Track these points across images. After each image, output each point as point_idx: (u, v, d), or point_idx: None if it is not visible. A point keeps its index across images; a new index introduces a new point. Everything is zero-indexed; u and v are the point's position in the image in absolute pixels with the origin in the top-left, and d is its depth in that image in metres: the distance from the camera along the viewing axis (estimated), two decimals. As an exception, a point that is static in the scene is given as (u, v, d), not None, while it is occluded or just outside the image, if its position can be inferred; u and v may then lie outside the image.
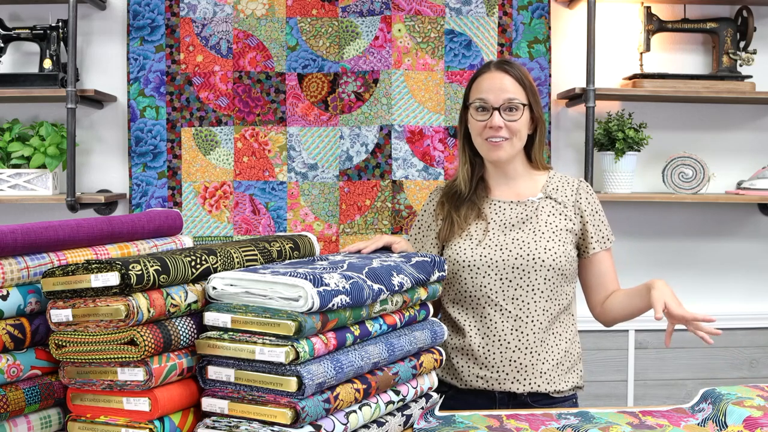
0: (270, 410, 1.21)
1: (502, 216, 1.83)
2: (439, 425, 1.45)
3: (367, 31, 2.69)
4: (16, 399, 1.23)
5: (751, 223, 2.96)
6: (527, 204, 1.83)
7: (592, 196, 1.88)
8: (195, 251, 1.33)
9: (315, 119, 2.70)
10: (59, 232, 1.31)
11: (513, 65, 1.81)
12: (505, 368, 1.76)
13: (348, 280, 1.30)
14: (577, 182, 1.88)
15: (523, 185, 1.87)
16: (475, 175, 1.88)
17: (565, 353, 1.80)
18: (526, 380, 1.76)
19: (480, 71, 1.84)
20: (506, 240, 1.79)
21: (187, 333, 1.27)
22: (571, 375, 1.81)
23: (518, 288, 1.76)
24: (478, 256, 1.78)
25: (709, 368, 2.93)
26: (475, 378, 1.77)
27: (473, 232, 1.82)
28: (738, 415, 1.41)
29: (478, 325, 1.78)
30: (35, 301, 1.26)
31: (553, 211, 1.83)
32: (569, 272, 1.80)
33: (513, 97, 1.77)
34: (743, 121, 2.92)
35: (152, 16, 2.67)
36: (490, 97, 1.77)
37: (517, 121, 1.77)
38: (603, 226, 1.87)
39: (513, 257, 1.76)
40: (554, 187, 1.86)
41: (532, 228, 1.80)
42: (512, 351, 1.76)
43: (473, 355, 1.77)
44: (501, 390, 1.76)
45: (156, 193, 2.70)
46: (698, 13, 2.83)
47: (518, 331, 1.76)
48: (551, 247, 1.77)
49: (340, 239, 2.71)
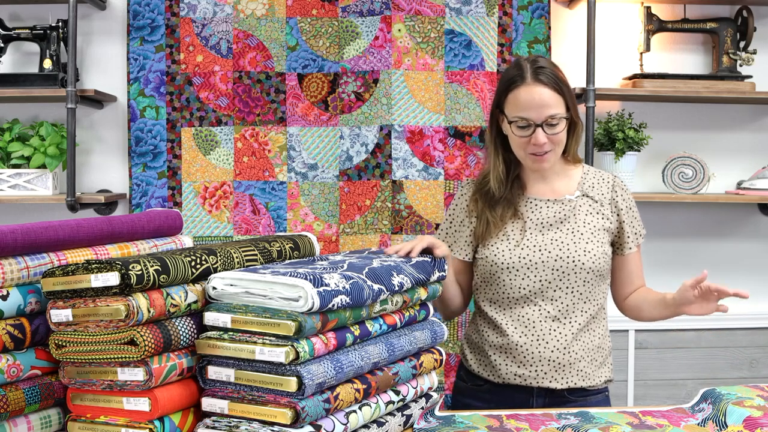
0: (270, 410, 1.21)
1: (538, 215, 1.82)
2: (439, 425, 1.45)
3: (367, 31, 2.69)
4: (16, 399, 1.23)
5: (751, 223, 2.96)
6: (564, 202, 1.82)
7: (627, 193, 1.88)
8: (195, 251, 1.33)
9: (315, 119, 2.70)
10: (59, 232, 1.31)
11: (547, 72, 1.75)
12: (543, 367, 1.76)
13: (348, 280, 1.30)
14: (611, 178, 1.88)
15: (559, 182, 1.86)
16: (510, 175, 1.85)
17: (598, 349, 1.82)
18: (564, 378, 1.77)
19: (515, 81, 1.76)
20: (544, 240, 1.78)
21: (187, 333, 1.26)
22: (604, 369, 1.83)
23: (557, 289, 1.77)
24: (517, 258, 1.77)
25: (709, 368, 2.93)
26: (513, 375, 1.78)
27: (510, 232, 1.81)
28: (738, 415, 1.41)
29: (516, 324, 1.78)
30: (35, 301, 1.26)
31: (591, 210, 1.83)
32: (606, 271, 1.82)
33: (554, 113, 1.73)
34: (743, 121, 2.92)
35: (152, 16, 2.67)
36: (532, 115, 1.73)
37: (559, 133, 1.75)
38: (636, 222, 1.88)
39: (552, 259, 1.76)
40: (590, 185, 1.86)
41: (570, 228, 1.79)
42: (551, 351, 1.76)
43: (512, 353, 1.78)
44: (539, 386, 1.77)
45: (156, 193, 2.69)
46: (698, 13, 2.83)
47: (557, 331, 1.77)
48: (590, 249, 1.77)
49: (340, 239, 2.70)
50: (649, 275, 2.48)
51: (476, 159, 2.69)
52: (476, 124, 2.70)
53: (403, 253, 1.62)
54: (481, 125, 2.69)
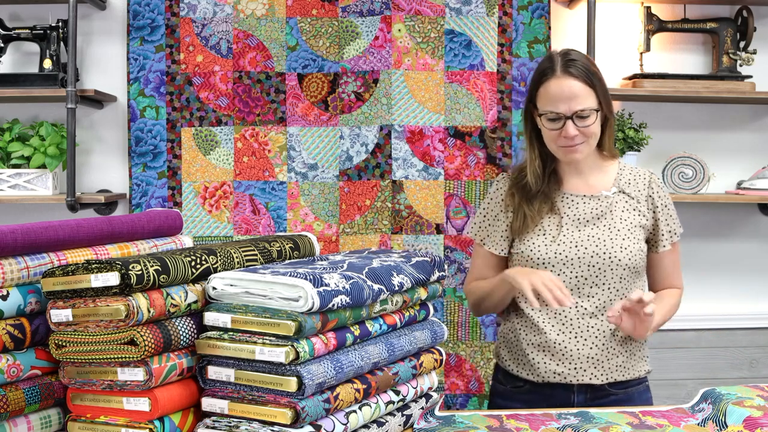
0: (270, 410, 1.21)
1: (575, 210, 1.82)
2: (439, 425, 1.45)
3: (367, 31, 2.69)
4: (16, 399, 1.23)
5: (751, 223, 2.96)
6: (601, 198, 1.82)
7: (663, 190, 1.87)
8: (195, 251, 1.33)
9: (315, 119, 2.70)
10: (59, 232, 1.31)
11: (578, 65, 1.75)
12: (582, 364, 1.77)
13: (348, 280, 1.30)
14: (648, 175, 1.87)
15: (595, 178, 1.85)
16: (547, 169, 1.85)
17: (637, 344, 1.83)
18: (603, 374, 1.77)
19: (545, 73, 1.77)
20: (581, 236, 1.78)
21: (187, 333, 1.26)
22: (642, 363, 1.84)
23: (593, 286, 1.77)
24: (553, 254, 1.77)
25: (709, 368, 2.93)
26: (552, 374, 1.78)
27: (546, 228, 1.81)
28: (738, 415, 1.41)
29: (553, 322, 1.78)
30: (35, 301, 1.26)
31: (627, 207, 1.82)
32: (642, 268, 1.82)
33: (584, 107, 1.73)
34: (743, 121, 2.92)
35: (152, 16, 2.67)
36: (561, 108, 1.73)
37: (590, 126, 1.75)
38: (672, 219, 1.87)
39: (588, 255, 1.76)
40: (627, 181, 1.85)
41: (607, 225, 1.79)
42: (589, 348, 1.77)
43: (550, 351, 1.78)
44: (580, 383, 1.78)
45: (156, 193, 2.70)
46: (698, 13, 2.83)
47: (594, 328, 1.77)
48: (627, 245, 1.77)
49: (340, 239, 2.70)
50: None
51: (476, 159, 2.69)
52: (476, 124, 2.70)
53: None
54: (481, 125, 2.69)
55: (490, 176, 2.69)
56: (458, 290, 2.69)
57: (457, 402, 2.69)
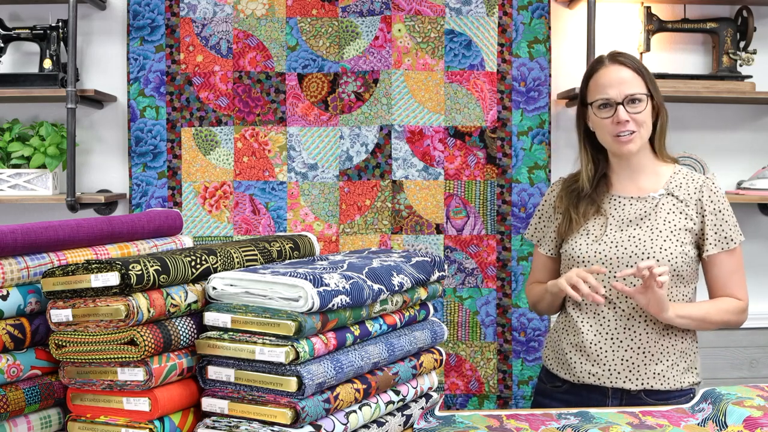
0: (270, 410, 1.21)
1: (621, 212, 1.81)
2: (439, 425, 1.45)
3: (367, 31, 2.69)
4: (16, 399, 1.23)
5: (751, 223, 2.95)
6: (647, 200, 1.81)
7: (716, 195, 1.82)
8: (195, 251, 1.33)
9: (315, 119, 2.70)
10: (59, 232, 1.31)
11: (626, 55, 1.80)
12: (617, 366, 1.76)
13: (348, 280, 1.30)
14: (702, 179, 1.84)
15: (646, 179, 1.85)
16: (598, 173, 1.86)
17: (682, 354, 1.79)
18: (639, 380, 1.75)
19: (594, 67, 1.82)
20: (622, 237, 1.77)
21: (187, 333, 1.26)
22: (688, 375, 1.80)
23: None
24: (593, 253, 1.78)
25: (709, 368, 2.93)
26: (587, 374, 1.78)
27: (591, 229, 1.81)
28: (738, 415, 1.41)
29: (591, 322, 1.78)
30: (35, 301, 1.26)
31: (674, 209, 1.80)
32: (686, 273, 1.77)
33: (635, 90, 1.75)
34: (743, 121, 2.92)
35: (152, 16, 2.67)
36: (612, 93, 1.75)
37: (641, 112, 1.75)
38: (726, 225, 1.80)
39: (628, 255, 1.75)
40: (677, 184, 1.83)
41: (649, 225, 1.78)
42: (624, 350, 1.75)
43: (586, 351, 1.78)
44: (613, 387, 1.76)
45: (156, 193, 2.70)
46: (698, 13, 2.83)
47: (631, 330, 1.76)
48: (668, 246, 1.75)
49: (340, 239, 2.70)
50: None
51: (476, 159, 2.69)
52: (476, 124, 2.70)
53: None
54: (481, 125, 2.69)
55: (490, 176, 2.69)
56: (458, 290, 2.69)
57: (457, 402, 2.69)
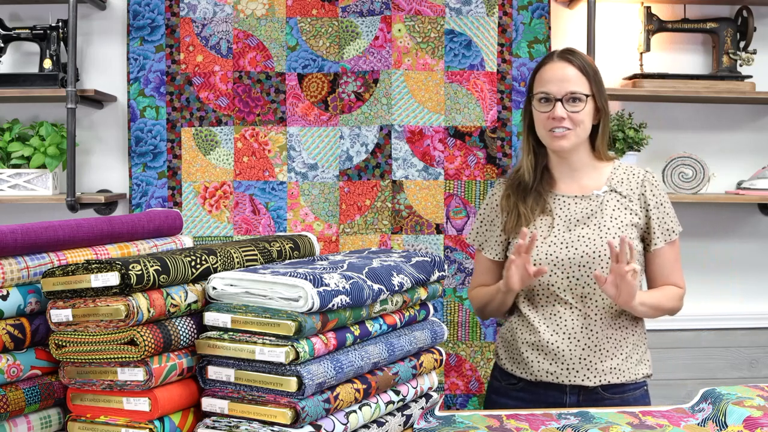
0: (270, 410, 1.21)
1: (566, 211, 1.82)
2: (439, 425, 1.45)
3: (367, 31, 2.69)
4: (16, 399, 1.23)
5: (751, 223, 2.96)
6: (592, 198, 1.82)
7: (657, 188, 1.84)
8: (195, 251, 1.33)
9: (315, 119, 2.70)
10: (59, 232, 1.31)
11: (576, 54, 1.80)
12: (575, 365, 1.77)
13: (348, 280, 1.30)
14: (642, 173, 1.85)
15: (588, 178, 1.85)
16: (539, 165, 1.87)
17: (634, 346, 1.81)
18: (596, 376, 1.76)
19: (543, 61, 1.83)
20: (571, 237, 1.78)
21: (187, 333, 1.26)
22: (641, 366, 1.82)
23: (585, 286, 1.76)
24: (544, 255, 1.78)
25: (709, 368, 2.93)
26: (545, 373, 1.78)
27: (538, 228, 1.81)
28: (738, 415, 1.41)
29: (548, 322, 1.78)
30: (35, 301, 1.26)
31: (618, 205, 1.81)
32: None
33: (575, 89, 1.75)
34: (743, 121, 2.92)
35: (152, 16, 2.67)
36: (553, 88, 1.76)
37: (579, 112, 1.76)
38: (668, 218, 1.84)
39: (579, 255, 1.76)
40: (619, 180, 1.84)
41: (597, 224, 1.78)
42: (582, 348, 1.76)
43: (543, 350, 1.78)
44: (572, 384, 1.77)
45: (156, 193, 2.69)
46: (698, 13, 2.83)
47: (587, 329, 1.76)
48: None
49: (340, 239, 2.70)
50: (649, 275, 2.47)
51: (476, 159, 2.69)
52: (476, 124, 2.70)
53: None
54: (481, 125, 2.69)
55: (490, 176, 2.69)
56: (458, 290, 2.69)
57: (457, 402, 2.69)
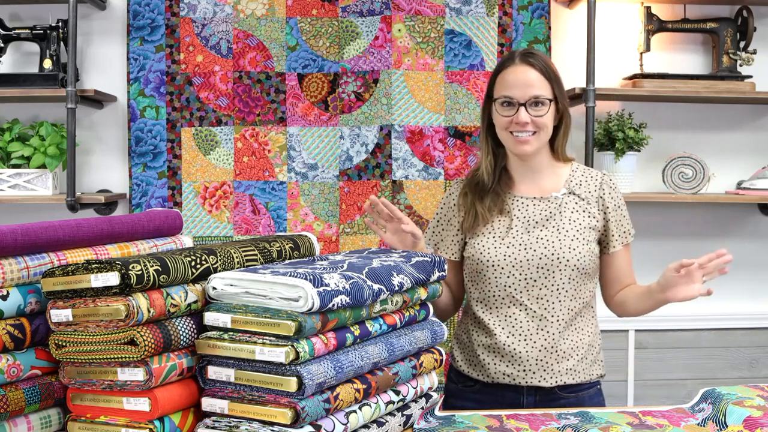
0: (270, 410, 1.21)
1: (525, 213, 1.81)
2: (439, 425, 1.45)
3: (367, 31, 2.69)
4: (16, 399, 1.23)
5: (751, 223, 2.96)
6: (551, 200, 1.81)
7: (615, 191, 1.86)
8: (195, 251, 1.33)
9: (315, 119, 2.70)
10: (59, 232, 1.31)
11: (537, 57, 1.78)
12: (531, 366, 1.76)
13: (348, 280, 1.30)
14: (600, 176, 1.86)
15: (547, 179, 1.85)
16: (498, 166, 1.86)
17: (589, 347, 1.81)
18: (553, 377, 1.76)
19: (504, 63, 1.81)
20: (530, 239, 1.78)
21: (187, 333, 1.26)
22: (595, 367, 1.83)
23: (542, 288, 1.76)
24: (502, 256, 1.77)
25: (709, 368, 2.93)
26: (501, 375, 1.78)
27: (496, 229, 1.80)
28: (738, 415, 1.41)
29: (503, 324, 1.78)
30: (35, 301, 1.26)
31: (577, 208, 1.81)
32: (592, 270, 1.80)
33: (539, 93, 1.75)
34: (743, 121, 2.92)
35: (152, 16, 2.67)
36: (516, 92, 1.75)
37: (543, 116, 1.75)
38: (624, 221, 1.86)
39: (537, 257, 1.76)
40: (578, 182, 1.84)
41: (555, 226, 1.78)
42: (538, 350, 1.76)
43: (500, 352, 1.78)
44: (528, 385, 1.77)
45: (156, 193, 2.70)
46: (698, 13, 2.83)
47: (543, 330, 1.76)
48: (575, 246, 1.76)
49: (340, 239, 2.70)
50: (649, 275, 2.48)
51: (476, 159, 2.69)
52: (476, 124, 2.69)
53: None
54: (481, 125, 2.69)
55: (490, 176, 2.69)
56: (458, 290, 2.69)
57: (457, 402, 2.69)
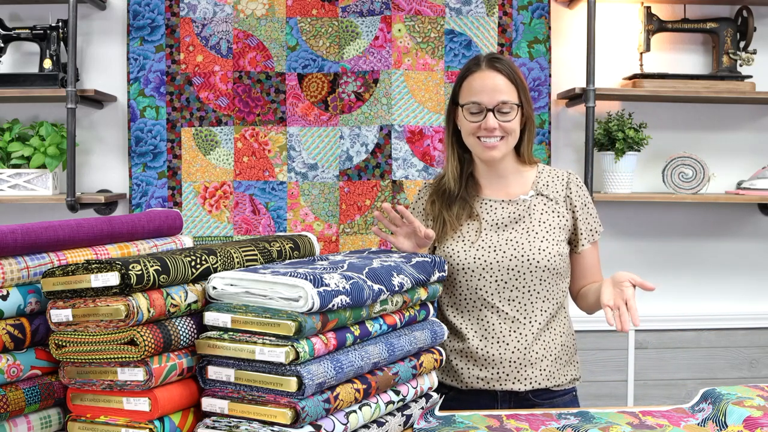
0: (270, 410, 1.21)
1: (494, 215, 1.81)
2: (439, 425, 1.45)
3: (367, 31, 2.69)
4: (16, 399, 1.23)
5: (751, 223, 2.96)
6: (519, 203, 1.81)
7: (581, 189, 1.86)
8: (195, 251, 1.33)
9: (315, 119, 2.70)
10: (59, 232, 1.31)
11: (503, 62, 1.78)
12: (505, 369, 1.75)
13: (348, 280, 1.30)
14: (566, 175, 1.87)
15: (514, 183, 1.85)
16: (464, 172, 1.86)
17: (563, 347, 1.81)
18: (527, 379, 1.76)
19: (470, 69, 1.79)
20: (500, 241, 1.77)
21: (187, 333, 1.26)
22: (570, 368, 1.82)
23: (514, 289, 1.76)
24: (472, 259, 1.77)
25: (709, 368, 2.93)
26: (475, 380, 1.77)
27: (465, 234, 1.80)
28: (738, 415, 1.41)
29: (476, 328, 1.77)
30: (35, 301, 1.26)
31: (546, 209, 1.81)
32: (563, 270, 1.80)
33: (506, 99, 1.74)
34: (743, 121, 2.92)
35: (152, 16, 2.67)
36: (484, 98, 1.74)
37: (511, 121, 1.76)
38: (592, 218, 1.86)
39: (507, 259, 1.75)
40: (545, 183, 1.85)
41: (525, 228, 1.78)
42: (511, 352, 1.75)
43: (473, 357, 1.77)
44: (503, 389, 1.76)
45: (156, 193, 2.70)
46: (698, 13, 2.83)
47: (517, 332, 1.75)
48: (545, 247, 1.76)
49: (340, 239, 2.70)
50: (649, 275, 2.49)
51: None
52: (476, 124, 2.70)
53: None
54: (481, 125, 2.69)
55: (490, 176, 2.69)
56: (458, 290, 2.69)
57: (457, 402, 2.69)
